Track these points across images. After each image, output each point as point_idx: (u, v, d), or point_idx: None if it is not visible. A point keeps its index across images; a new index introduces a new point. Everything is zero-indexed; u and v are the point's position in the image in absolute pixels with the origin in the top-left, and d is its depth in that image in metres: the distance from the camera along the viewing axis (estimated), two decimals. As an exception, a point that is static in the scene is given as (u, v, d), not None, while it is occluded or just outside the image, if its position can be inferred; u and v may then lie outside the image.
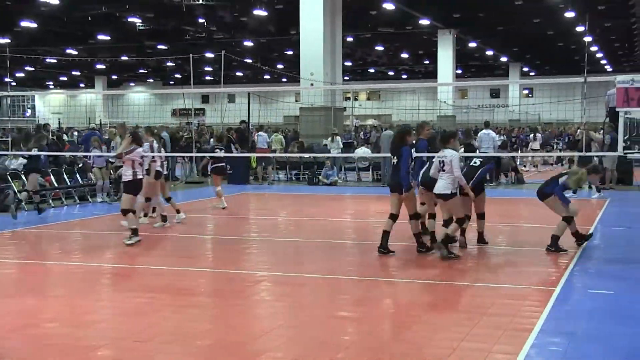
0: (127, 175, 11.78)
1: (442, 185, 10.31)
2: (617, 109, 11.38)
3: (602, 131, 20.01)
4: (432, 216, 11.28)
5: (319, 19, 26.74)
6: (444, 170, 10.28)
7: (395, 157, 10.57)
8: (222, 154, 17.25)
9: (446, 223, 10.39)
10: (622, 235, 12.58)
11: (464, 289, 8.68)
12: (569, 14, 34.51)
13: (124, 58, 51.56)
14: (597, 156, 18.78)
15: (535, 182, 23.20)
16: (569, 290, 8.36)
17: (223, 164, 17.24)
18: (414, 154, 10.84)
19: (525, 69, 62.12)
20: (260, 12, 33.35)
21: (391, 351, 6.22)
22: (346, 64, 44.99)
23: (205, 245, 12.59)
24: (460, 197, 10.58)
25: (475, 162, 11.34)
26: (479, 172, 11.10)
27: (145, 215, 14.24)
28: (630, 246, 11.48)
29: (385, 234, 10.60)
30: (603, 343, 6.41)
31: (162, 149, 14.86)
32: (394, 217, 10.56)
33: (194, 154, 22.79)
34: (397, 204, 10.53)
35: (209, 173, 17.04)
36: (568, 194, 11.43)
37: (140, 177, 11.87)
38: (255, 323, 7.43)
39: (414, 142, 11.26)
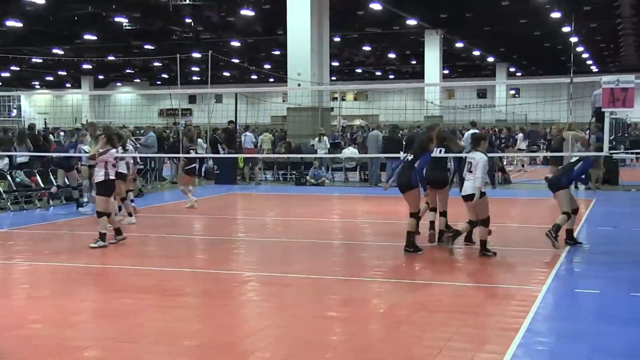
0: (99, 176, 11.61)
1: (469, 187, 10.43)
2: (602, 109, 11.45)
3: (588, 131, 20.11)
4: (433, 209, 11.57)
5: (306, 19, 26.71)
6: (471, 172, 10.43)
7: (411, 156, 10.84)
8: (194, 154, 17.24)
9: (472, 224, 10.54)
10: (608, 235, 12.64)
11: (451, 289, 8.70)
12: (555, 15, 34.66)
13: (111, 58, 51.30)
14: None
15: (522, 182, 23.36)
16: (555, 290, 8.40)
17: (195, 165, 17.22)
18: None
19: (512, 70, 62.30)
20: (247, 12, 33.30)
21: (378, 351, 6.22)
22: (333, 64, 44.97)
23: (192, 245, 12.55)
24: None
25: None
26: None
27: (130, 214, 14.19)
28: (616, 246, 11.54)
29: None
30: (589, 342, 6.45)
31: (125, 149, 14.78)
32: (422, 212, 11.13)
33: (180, 155, 22.69)
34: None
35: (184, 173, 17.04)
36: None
37: (112, 177, 11.71)
38: (243, 323, 7.42)
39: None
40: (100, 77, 68.57)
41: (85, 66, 56.10)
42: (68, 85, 72.59)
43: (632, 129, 28.78)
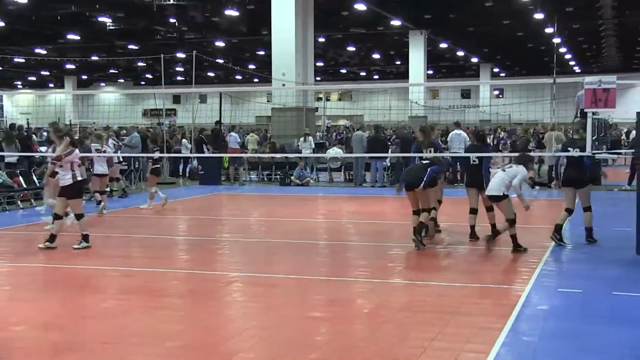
0: (66, 179, 11.29)
1: (495, 187, 10.76)
2: (585, 110, 11.52)
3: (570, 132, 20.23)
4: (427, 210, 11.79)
5: (291, 19, 26.71)
6: (504, 171, 10.81)
7: (427, 161, 11.50)
8: (157, 154, 17.30)
9: (511, 222, 10.74)
10: (590, 234, 12.70)
11: (435, 289, 8.72)
12: (538, 16, 34.83)
13: (94, 58, 51.06)
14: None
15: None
16: (538, 289, 8.44)
17: (159, 165, 17.28)
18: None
19: (496, 70, 62.58)
20: (231, 12, 33.24)
21: (363, 351, 6.23)
22: (318, 64, 44.99)
23: (177, 246, 12.52)
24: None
25: (474, 161, 11.93)
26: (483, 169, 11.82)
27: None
28: (598, 245, 11.61)
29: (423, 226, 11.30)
30: (572, 341, 6.48)
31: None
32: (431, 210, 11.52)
33: (164, 155, 22.64)
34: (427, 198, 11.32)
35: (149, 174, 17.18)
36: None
37: (80, 178, 11.48)
38: (228, 324, 7.40)
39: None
40: (84, 77, 68.21)
41: (69, 66, 55.79)
42: (51, 85, 72.18)
43: (612, 129, 28.96)
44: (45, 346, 6.41)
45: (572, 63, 56.56)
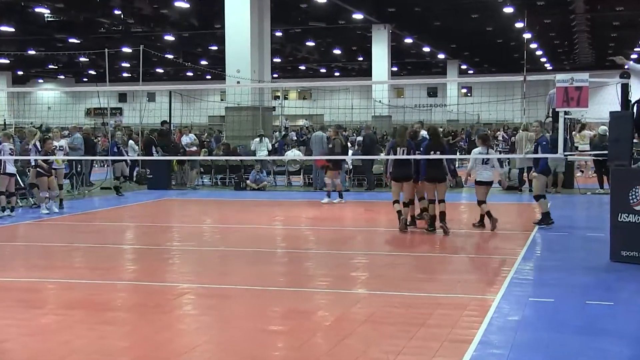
0: None
1: (489, 175, 13.70)
2: (556, 109, 11.68)
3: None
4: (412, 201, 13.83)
5: (246, 11, 26.66)
6: (487, 164, 13.59)
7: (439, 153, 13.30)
8: (34, 157, 17.18)
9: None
10: (561, 240, 12.89)
11: (400, 299, 8.75)
12: (508, 10, 35.26)
13: (31, 52, 50.29)
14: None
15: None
16: (509, 299, 8.53)
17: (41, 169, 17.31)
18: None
19: (464, 67, 63.15)
20: (181, 4, 33.08)
21: (324, 366, 6.24)
22: (275, 60, 44.96)
23: (124, 255, 12.39)
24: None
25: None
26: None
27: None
28: (571, 251, 11.79)
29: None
30: (543, 352, 6.57)
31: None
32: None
33: (109, 157, 22.41)
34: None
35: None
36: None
37: None
38: (179, 339, 7.34)
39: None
40: (20, 72, 67.20)
41: (2, 61, 54.88)
42: (-17, 81, 70.99)
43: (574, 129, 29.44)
44: (-21, 366, 6.31)
45: (543, 60, 57.36)
